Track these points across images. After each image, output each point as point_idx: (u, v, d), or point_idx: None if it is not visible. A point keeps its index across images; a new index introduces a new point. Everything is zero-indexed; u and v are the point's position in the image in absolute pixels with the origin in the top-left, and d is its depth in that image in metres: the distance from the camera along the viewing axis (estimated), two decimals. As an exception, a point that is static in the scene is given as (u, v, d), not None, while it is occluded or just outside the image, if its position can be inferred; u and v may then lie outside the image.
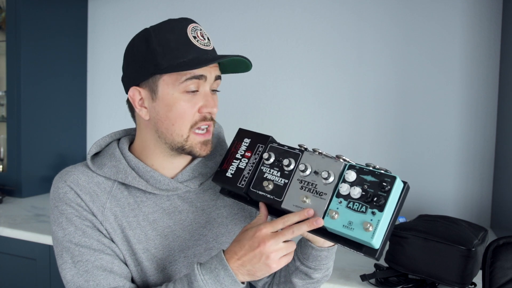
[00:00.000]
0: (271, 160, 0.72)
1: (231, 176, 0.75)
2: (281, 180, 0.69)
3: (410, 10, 1.70)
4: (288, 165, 0.69)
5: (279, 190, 0.69)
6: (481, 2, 1.61)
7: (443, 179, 1.68)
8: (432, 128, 1.69)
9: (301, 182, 0.67)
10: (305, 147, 0.71)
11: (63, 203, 0.75)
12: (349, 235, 0.61)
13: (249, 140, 0.77)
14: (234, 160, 0.76)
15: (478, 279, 0.98)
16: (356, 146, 1.79)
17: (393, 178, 0.60)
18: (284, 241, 0.65)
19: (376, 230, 0.58)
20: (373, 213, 0.59)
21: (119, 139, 0.86)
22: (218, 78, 0.78)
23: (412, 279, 1.06)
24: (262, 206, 0.72)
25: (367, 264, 1.16)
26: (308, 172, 0.67)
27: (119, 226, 0.76)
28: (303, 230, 0.65)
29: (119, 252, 0.76)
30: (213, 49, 0.77)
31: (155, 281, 0.77)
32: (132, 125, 0.88)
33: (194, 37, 0.74)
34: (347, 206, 0.62)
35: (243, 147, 0.77)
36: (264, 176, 0.71)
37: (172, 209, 0.80)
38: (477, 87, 1.64)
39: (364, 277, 1.04)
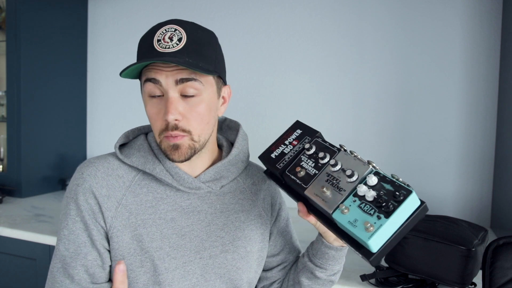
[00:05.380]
0: (311, 151, 0.77)
1: (274, 157, 0.82)
2: (313, 171, 0.74)
3: (411, 10, 1.70)
4: (322, 158, 0.74)
5: (308, 178, 0.74)
6: (481, 2, 1.61)
7: (443, 179, 1.68)
8: (433, 128, 1.69)
9: (328, 176, 0.72)
10: (344, 148, 0.75)
11: (72, 196, 0.76)
12: (350, 230, 0.63)
13: (300, 131, 0.83)
14: (282, 145, 0.83)
15: (478, 279, 0.99)
16: (357, 146, 1.79)
17: (409, 192, 0.61)
18: None
19: (375, 232, 0.60)
20: (378, 217, 0.61)
21: (147, 133, 0.87)
22: (181, 81, 0.72)
23: (412, 279, 1.06)
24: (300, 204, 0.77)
25: (367, 264, 1.16)
26: (337, 168, 0.71)
27: (132, 224, 0.76)
28: None
29: (97, 259, 0.77)
30: (178, 51, 0.71)
31: (167, 281, 0.77)
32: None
33: (158, 40, 0.72)
34: (358, 206, 0.64)
35: (293, 136, 0.83)
36: (301, 164, 0.77)
37: (191, 208, 0.80)
38: (477, 87, 1.64)
39: (364, 277, 1.04)
